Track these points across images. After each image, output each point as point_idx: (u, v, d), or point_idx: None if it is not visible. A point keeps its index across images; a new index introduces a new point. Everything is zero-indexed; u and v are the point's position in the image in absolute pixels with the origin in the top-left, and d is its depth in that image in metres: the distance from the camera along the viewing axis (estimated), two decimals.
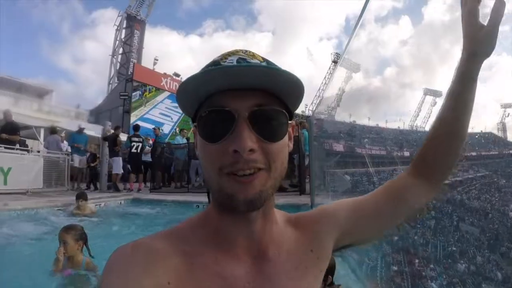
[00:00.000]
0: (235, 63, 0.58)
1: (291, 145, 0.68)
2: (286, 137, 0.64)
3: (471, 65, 0.74)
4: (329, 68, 49.41)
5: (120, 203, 8.29)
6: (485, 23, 0.72)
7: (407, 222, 0.85)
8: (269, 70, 0.56)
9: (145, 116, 26.22)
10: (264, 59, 0.63)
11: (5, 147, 8.58)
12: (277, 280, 0.65)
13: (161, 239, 0.64)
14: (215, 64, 0.60)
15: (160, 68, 31.52)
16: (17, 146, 9.35)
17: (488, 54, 0.73)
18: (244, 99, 0.58)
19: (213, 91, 0.59)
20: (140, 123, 21.80)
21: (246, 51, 0.63)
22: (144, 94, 26.50)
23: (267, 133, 0.58)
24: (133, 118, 25.18)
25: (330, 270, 2.39)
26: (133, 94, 26.10)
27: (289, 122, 0.64)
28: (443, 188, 0.87)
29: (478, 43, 0.71)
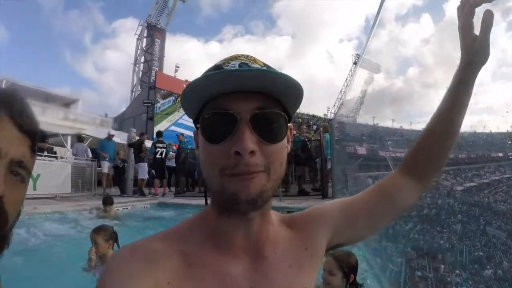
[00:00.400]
0: (237, 67, 0.60)
1: (289, 148, 0.70)
2: (285, 140, 0.66)
3: (467, 73, 0.78)
4: (350, 70, 48.68)
5: (146, 207, 8.47)
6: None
7: (396, 220, 0.90)
8: (269, 74, 0.58)
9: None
10: (265, 64, 0.65)
11: None
12: (273, 278, 0.67)
13: (160, 240, 0.66)
14: (217, 68, 0.62)
15: (181, 75, 31.92)
16: (45, 153, 9.66)
17: (483, 63, 0.77)
18: (246, 102, 0.60)
19: (216, 94, 0.61)
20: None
21: (248, 56, 0.66)
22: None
23: (267, 135, 0.61)
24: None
25: (353, 269, 2.38)
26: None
27: (288, 125, 0.66)
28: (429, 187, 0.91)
29: (473, 53, 0.75)
